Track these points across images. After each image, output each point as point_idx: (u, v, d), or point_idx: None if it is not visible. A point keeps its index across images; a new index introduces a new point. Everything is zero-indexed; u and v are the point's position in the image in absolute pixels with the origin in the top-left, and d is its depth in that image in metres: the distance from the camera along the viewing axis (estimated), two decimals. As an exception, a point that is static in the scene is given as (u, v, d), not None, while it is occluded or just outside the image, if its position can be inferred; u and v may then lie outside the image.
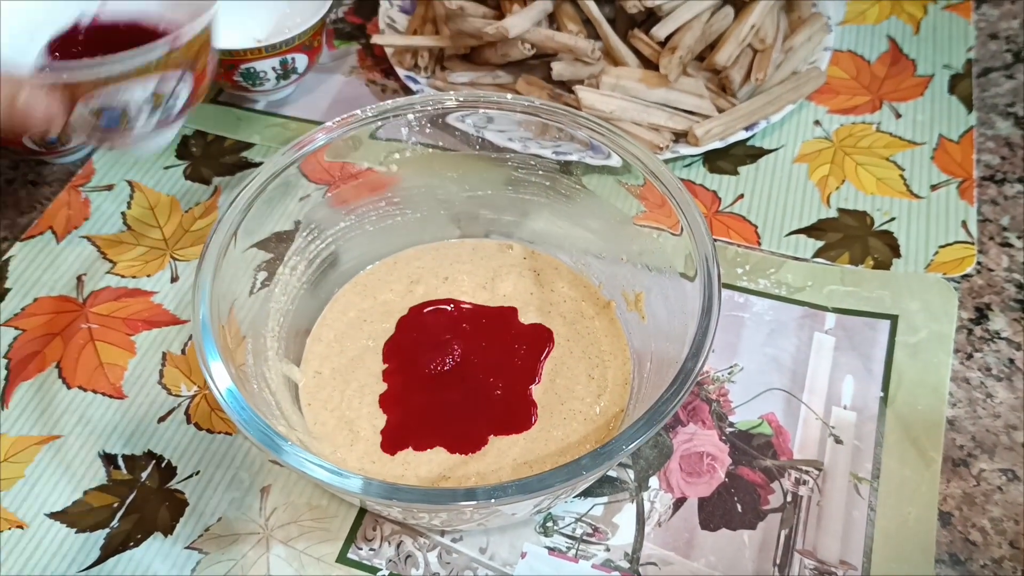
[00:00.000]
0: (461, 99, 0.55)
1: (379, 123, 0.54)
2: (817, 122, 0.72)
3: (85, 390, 0.58)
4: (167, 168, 0.71)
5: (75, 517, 0.53)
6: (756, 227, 0.65)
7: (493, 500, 0.39)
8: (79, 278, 0.64)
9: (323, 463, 0.41)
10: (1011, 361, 0.57)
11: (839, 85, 0.75)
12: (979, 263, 0.62)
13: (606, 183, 0.55)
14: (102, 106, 0.48)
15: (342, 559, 0.50)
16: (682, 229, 0.49)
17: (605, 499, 0.52)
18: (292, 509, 0.52)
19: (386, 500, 0.40)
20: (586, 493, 0.52)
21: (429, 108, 0.55)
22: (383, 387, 0.54)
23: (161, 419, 0.57)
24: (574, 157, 0.55)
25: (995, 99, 0.74)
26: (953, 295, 0.60)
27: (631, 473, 0.53)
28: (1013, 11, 0.81)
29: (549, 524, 0.51)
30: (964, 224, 0.64)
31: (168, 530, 0.52)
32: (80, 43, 0.58)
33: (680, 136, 0.68)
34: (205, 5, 0.53)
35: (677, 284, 0.50)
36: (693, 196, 0.66)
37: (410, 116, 0.54)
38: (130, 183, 0.70)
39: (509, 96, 0.55)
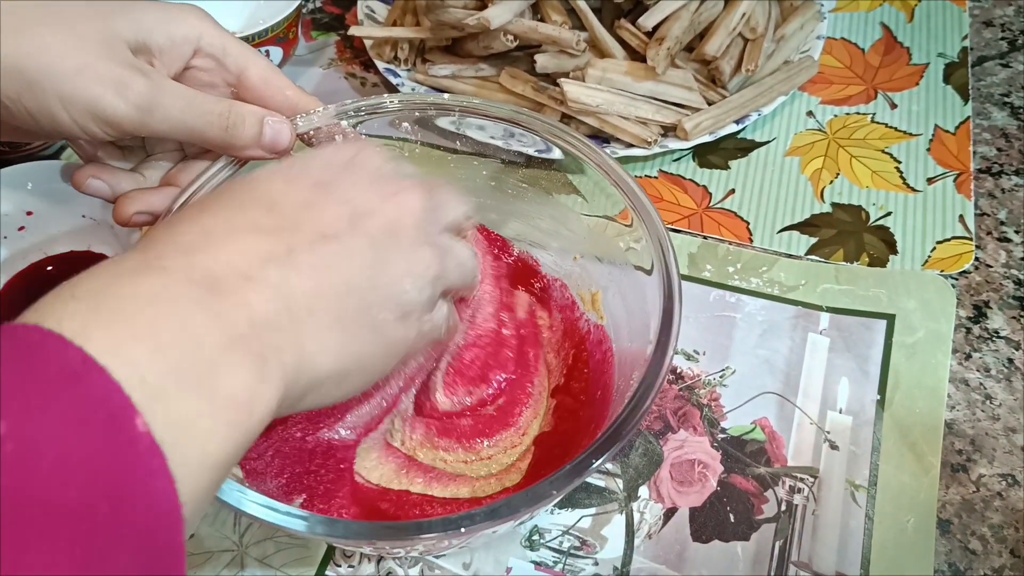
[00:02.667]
0: (429, 102, 0.52)
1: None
2: (810, 113, 0.70)
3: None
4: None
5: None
6: (748, 223, 0.63)
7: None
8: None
9: (262, 499, 0.37)
10: (1010, 361, 0.56)
11: (832, 74, 0.73)
12: (977, 259, 0.60)
13: (555, 179, 0.53)
14: None
15: (320, 577, 0.48)
16: (631, 222, 0.47)
17: (593, 510, 0.50)
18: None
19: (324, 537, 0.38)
20: (573, 504, 0.50)
21: (389, 110, 0.52)
22: None
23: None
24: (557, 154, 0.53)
25: (990, 88, 0.73)
26: (951, 293, 0.58)
27: (620, 483, 0.51)
28: (1009, -3, 0.79)
29: (535, 538, 0.49)
30: (961, 219, 0.62)
31: (139, 547, 0.50)
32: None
33: (669, 130, 0.66)
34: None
35: (639, 288, 0.47)
36: (683, 191, 0.65)
37: (374, 123, 0.51)
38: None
39: (477, 101, 0.52)
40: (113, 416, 0.24)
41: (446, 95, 0.52)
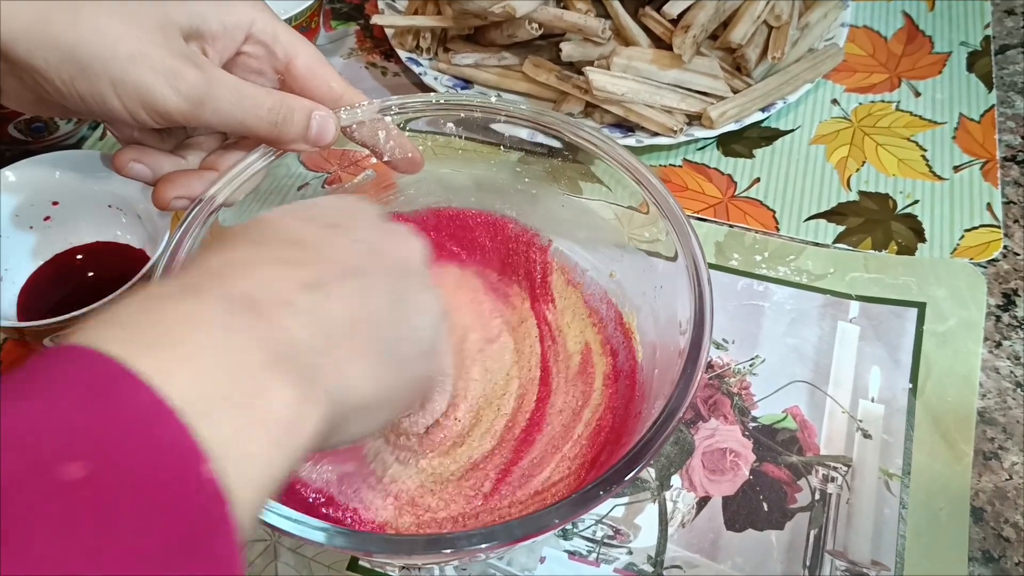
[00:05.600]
0: (443, 101, 0.51)
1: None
2: (835, 101, 0.70)
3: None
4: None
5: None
6: (774, 212, 0.63)
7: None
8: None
9: (283, 510, 0.36)
10: (1041, 349, 0.56)
11: (856, 63, 0.72)
12: (1004, 247, 0.60)
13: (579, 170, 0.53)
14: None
15: (353, 567, 0.48)
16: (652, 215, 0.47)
17: (626, 500, 0.50)
18: (300, 514, 0.50)
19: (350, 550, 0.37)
20: (606, 493, 0.50)
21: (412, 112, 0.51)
22: None
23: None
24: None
25: (1013, 77, 0.72)
26: (981, 281, 0.58)
27: (652, 472, 0.51)
28: (1031, -14, 0.79)
29: (569, 527, 0.49)
30: (989, 207, 0.62)
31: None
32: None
33: (694, 118, 0.65)
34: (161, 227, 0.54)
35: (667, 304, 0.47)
36: (708, 180, 0.65)
37: (388, 119, 0.50)
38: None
39: (495, 99, 0.51)
40: (183, 461, 0.23)
41: (492, 98, 0.52)
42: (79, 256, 0.57)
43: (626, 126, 0.65)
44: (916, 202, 0.63)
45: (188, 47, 0.42)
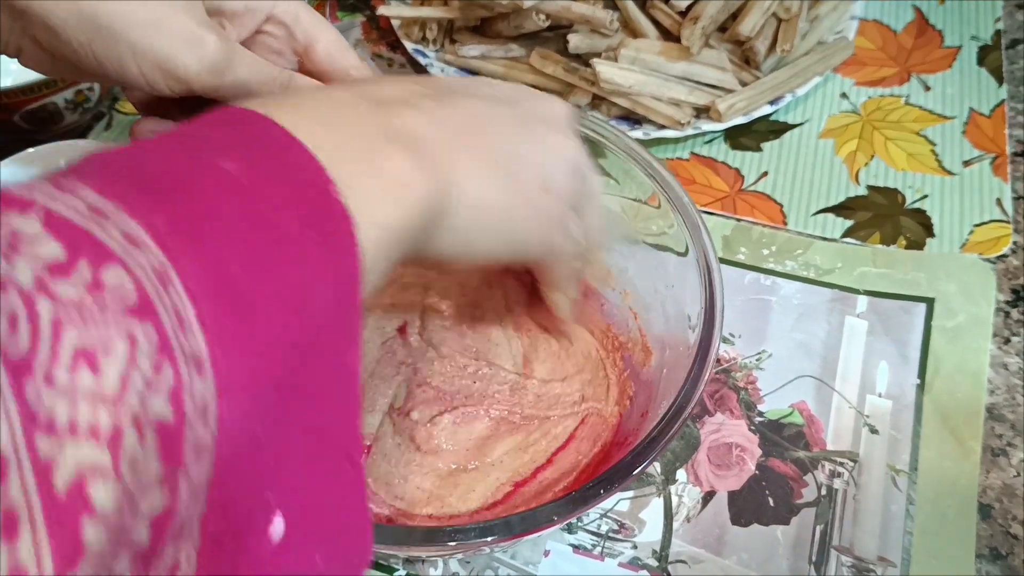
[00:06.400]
0: None
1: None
2: (844, 95, 0.69)
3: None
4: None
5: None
6: (781, 206, 0.62)
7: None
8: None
9: None
10: (1050, 345, 0.55)
11: (865, 56, 0.72)
12: (1014, 243, 0.60)
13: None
14: None
15: (357, 558, 0.48)
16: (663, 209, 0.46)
17: (631, 494, 0.50)
18: (303, 506, 0.50)
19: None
20: (611, 487, 0.50)
21: None
22: None
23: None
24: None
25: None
26: (991, 277, 0.57)
27: (657, 466, 0.51)
28: (1043, -21, 0.78)
29: (573, 521, 0.49)
30: (999, 202, 0.62)
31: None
32: None
33: (701, 111, 0.65)
34: None
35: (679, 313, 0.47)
36: (715, 174, 0.64)
37: None
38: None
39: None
40: (312, 182, 0.28)
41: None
42: None
43: (633, 119, 0.65)
44: (925, 197, 0.62)
45: (209, 19, 0.41)
